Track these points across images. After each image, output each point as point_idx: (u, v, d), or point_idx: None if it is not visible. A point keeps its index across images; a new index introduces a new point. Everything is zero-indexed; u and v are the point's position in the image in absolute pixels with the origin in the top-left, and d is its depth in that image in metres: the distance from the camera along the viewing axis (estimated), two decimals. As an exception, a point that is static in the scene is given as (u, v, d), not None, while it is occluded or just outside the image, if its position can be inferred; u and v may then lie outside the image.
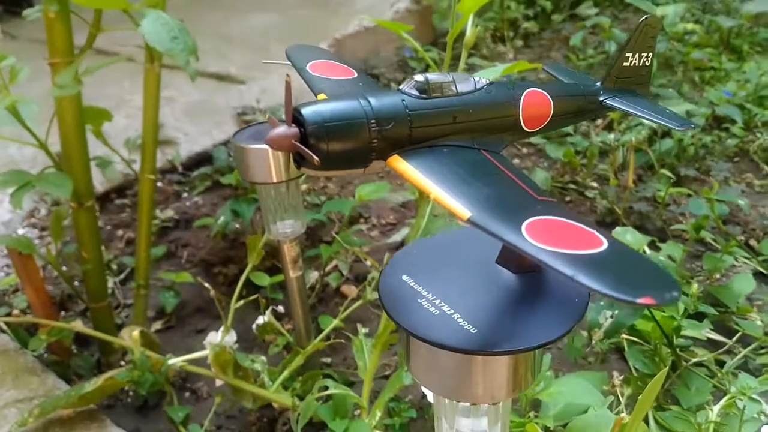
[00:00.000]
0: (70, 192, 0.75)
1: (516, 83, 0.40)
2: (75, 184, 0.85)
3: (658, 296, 0.26)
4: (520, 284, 0.39)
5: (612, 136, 1.25)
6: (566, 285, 0.39)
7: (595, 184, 1.25)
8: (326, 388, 0.69)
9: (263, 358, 0.79)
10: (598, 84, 0.45)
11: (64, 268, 1.04)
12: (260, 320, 0.86)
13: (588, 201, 1.22)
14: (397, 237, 1.14)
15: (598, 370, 0.81)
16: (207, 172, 1.33)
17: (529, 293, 0.38)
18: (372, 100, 0.35)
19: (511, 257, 0.40)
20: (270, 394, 0.74)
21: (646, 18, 0.45)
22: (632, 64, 0.45)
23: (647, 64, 0.46)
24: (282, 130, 0.33)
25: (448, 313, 0.36)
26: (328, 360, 0.93)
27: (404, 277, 0.39)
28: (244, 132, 0.70)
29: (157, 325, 1.05)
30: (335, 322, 0.77)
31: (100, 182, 1.34)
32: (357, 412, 0.71)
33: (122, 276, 1.16)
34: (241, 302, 0.79)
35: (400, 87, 0.36)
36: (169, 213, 1.24)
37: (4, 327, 0.93)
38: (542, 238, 0.28)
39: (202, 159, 1.41)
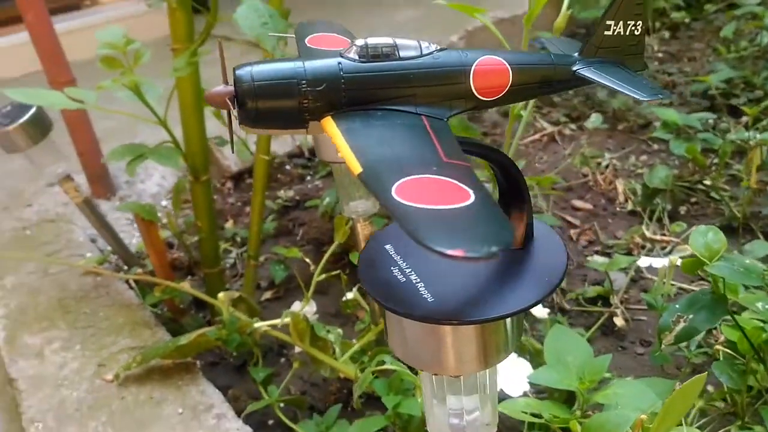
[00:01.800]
0: (178, 164, 0.83)
1: (472, 50, 0.39)
2: (192, 160, 0.94)
3: (472, 250, 0.25)
4: (498, 261, 0.38)
5: (749, 134, 1.13)
6: (544, 262, 0.38)
7: (727, 186, 1.14)
8: (383, 363, 0.71)
9: (339, 330, 0.82)
10: (575, 54, 0.43)
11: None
12: (348, 295, 0.89)
13: (713, 203, 1.13)
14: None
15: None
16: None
17: (504, 270, 0.38)
18: (308, 62, 0.36)
19: None
20: (338, 364, 0.77)
21: None
22: (616, 33, 0.41)
23: (636, 33, 0.42)
24: (218, 88, 0.36)
25: (414, 281, 0.36)
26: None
27: (387, 246, 0.40)
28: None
29: (267, 294, 1.13)
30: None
31: (234, 163, 1.46)
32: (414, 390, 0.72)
33: (244, 248, 1.25)
34: (323, 276, 0.83)
35: (341, 51, 0.37)
36: (291, 193, 1.32)
37: (132, 284, 1.05)
38: (410, 195, 0.28)
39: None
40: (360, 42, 0.37)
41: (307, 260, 1.02)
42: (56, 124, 1.03)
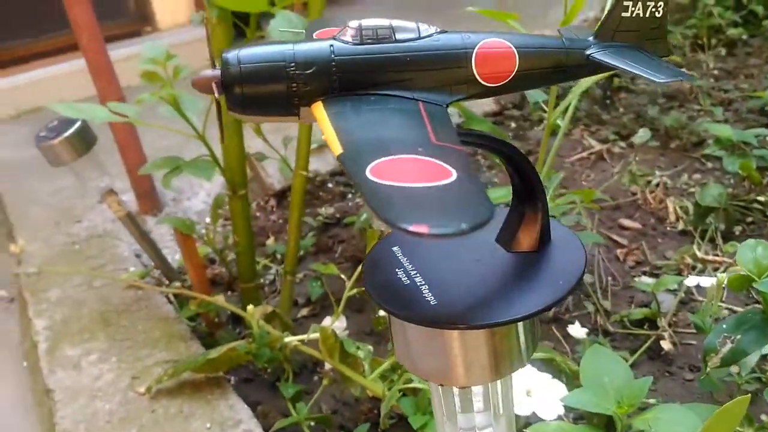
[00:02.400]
0: (212, 177, 0.84)
1: (476, 33, 0.37)
2: (230, 174, 0.95)
3: (437, 225, 0.23)
4: (510, 264, 0.36)
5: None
6: (561, 265, 0.36)
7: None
8: (411, 381, 0.68)
9: (369, 347, 0.80)
10: (590, 38, 0.39)
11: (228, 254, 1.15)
12: (381, 312, 0.88)
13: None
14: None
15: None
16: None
17: (515, 273, 0.36)
18: (299, 45, 0.35)
19: (506, 235, 0.37)
20: (366, 381, 0.76)
21: None
22: (635, 15, 0.38)
23: (657, 15, 0.39)
24: (205, 72, 0.35)
25: (419, 284, 0.35)
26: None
27: (394, 248, 0.38)
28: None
29: (304, 311, 1.12)
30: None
31: (277, 180, 1.47)
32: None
33: (283, 265, 1.25)
34: (354, 291, 0.82)
35: (335, 34, 0.36)
36: (331, 211, 1.31)
37: (171, 298, 1.06)
38: (386, 174, 0.26)
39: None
40: (354, 24, 0.35)
41: (343, 277, 1.00)
42: (107, 142, 1.05)
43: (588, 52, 0.37)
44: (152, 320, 1.02)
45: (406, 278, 0.35)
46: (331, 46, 0.34)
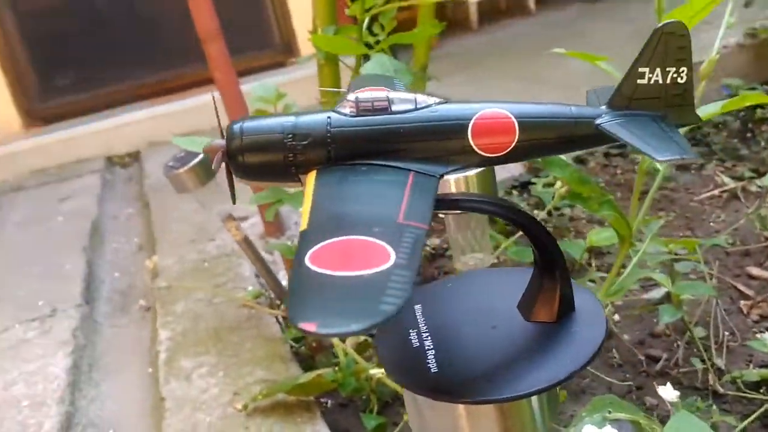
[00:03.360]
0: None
1: (479, 102, 0.35)
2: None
3: (325, 325, 0.22)
4: (526, 334, 0.35)
5: None
6: (574, 341, 0.34)
7: None
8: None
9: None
10: (602, 107, 0.37)
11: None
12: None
13: None
14: (655, 293, 1.02)
15: None
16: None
17: (528, 344, 0.35)
18: (300, 117, 0.36)
19: (526, 303, 0.37)
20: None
21: (664, 25, 0.35)
22: (653, 82, 0.35)
23: (680, 81, 0.35)
24: (215, 142, 0.37)
25: (426, 347, 0.35)
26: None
27: (416, 306, 0.38)
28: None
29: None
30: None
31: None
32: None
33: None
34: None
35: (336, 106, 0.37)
36: (437, 242, 1.32)
37: (280, 319, 1.12)
38: (324, 259, 0.26)
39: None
40: (352, 96, 0.36)
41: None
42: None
43: (598, 121, 0.36)
44: (259, 339, 1.08)
45: (417, 340, 0.35)
46: (329, 117, 0.36)
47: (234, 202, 0.42)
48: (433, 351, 0.34)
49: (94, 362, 1.18)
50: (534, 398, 0.33)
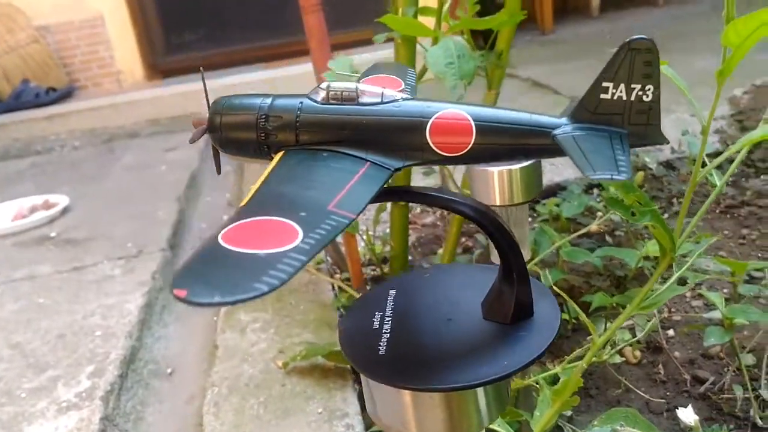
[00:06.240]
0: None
1: (441, 102, 0.35)
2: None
3: (193, 293, 0.24)
4: (477, 330, 0.36)
5: None
6: (519, 345, 0.35)
7: None
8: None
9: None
10: (564, 119, 0.35)
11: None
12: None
13: None
14: (716, 313, 0.98)
15: None
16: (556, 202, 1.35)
17: (475, 340, 0.36)
18: (276, 99, 0.38)
19: (486, 301, 0.38)
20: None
21: (631, 40, 0.33)
22: (616, 98, 0.33)
23: (645, 99, 0.33)
24: (201, 115, 0.40)
25: (384, 330, 0.37)
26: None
27: (391, 291, 0.40)
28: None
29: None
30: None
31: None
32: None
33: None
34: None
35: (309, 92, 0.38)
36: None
37: (335, 286, 1.16)
38: (236, 236, 0.28)
39: (559, 189, 1.43)
40: (324, 85, 0.38)
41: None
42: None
43: (555, 131, 0.35)
44: (314, 303, 1.13)
45: (377, 323, 0.37)
46: (301, 102, 0.38)
47: (219, 173, 0.45)
48: (387, 335, 0.36)
49: (168, 304, 1.27)
50: (480, 391, 0.35)
